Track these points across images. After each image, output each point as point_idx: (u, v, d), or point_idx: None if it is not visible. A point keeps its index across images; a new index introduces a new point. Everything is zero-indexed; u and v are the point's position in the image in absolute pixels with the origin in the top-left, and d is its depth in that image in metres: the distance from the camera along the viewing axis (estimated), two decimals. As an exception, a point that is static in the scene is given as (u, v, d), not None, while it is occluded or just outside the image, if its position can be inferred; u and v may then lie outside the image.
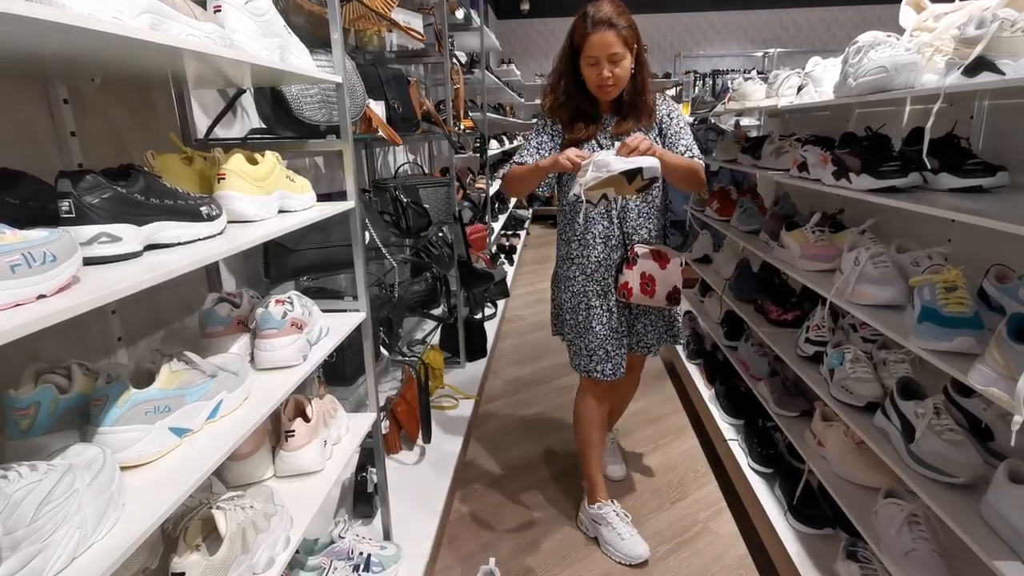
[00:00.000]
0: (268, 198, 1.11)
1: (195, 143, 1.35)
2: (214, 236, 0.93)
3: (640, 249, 1.68)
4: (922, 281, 1.21)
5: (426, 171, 3.20)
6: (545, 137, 1.71)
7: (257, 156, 1.12)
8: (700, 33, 8.01)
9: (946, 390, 1.35)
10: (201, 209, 0.92)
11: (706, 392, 2.51)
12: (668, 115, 1.71)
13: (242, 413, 0.96)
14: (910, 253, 1.46)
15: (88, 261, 0.74)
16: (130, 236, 0.78)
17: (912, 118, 1.77)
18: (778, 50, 7.16)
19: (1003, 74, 0.98)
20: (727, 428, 2.25)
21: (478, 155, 3.81)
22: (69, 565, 0.66)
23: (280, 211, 1.17)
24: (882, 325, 1.29)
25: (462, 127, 3.09)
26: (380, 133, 1.70)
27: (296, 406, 1.31)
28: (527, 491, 2.16)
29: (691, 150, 1.70)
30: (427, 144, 3.54)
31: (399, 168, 2.86)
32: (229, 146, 1.14)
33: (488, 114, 4.30)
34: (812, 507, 1.67)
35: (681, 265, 1.71)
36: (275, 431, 1.27)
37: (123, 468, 0.79)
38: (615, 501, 1.91)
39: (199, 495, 1.05)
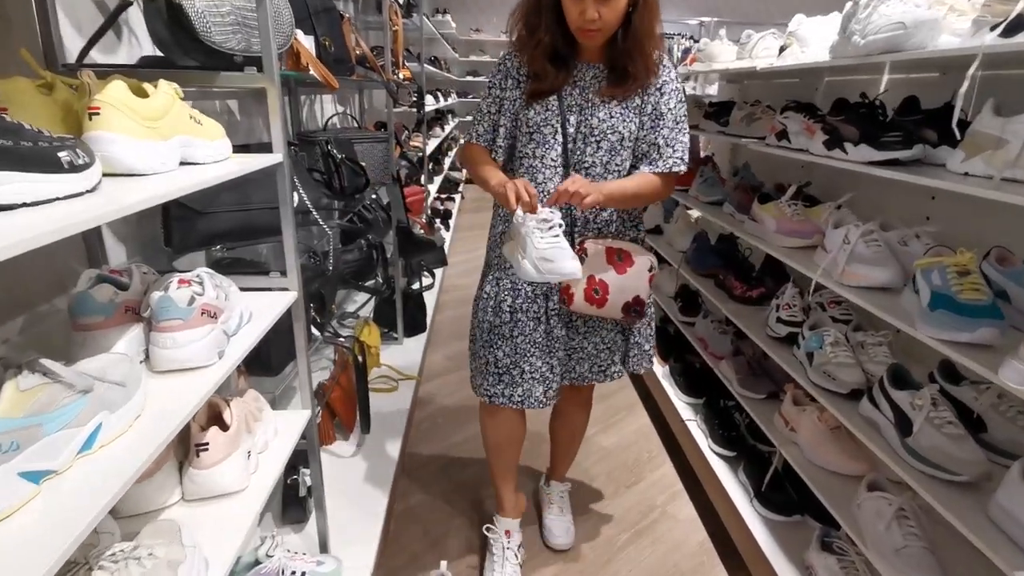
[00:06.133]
0: (164, 144, 0.83)
1: (63, 68, 1.02)
2: (81, 194, 0.66)
3: (592, 246, 1.31)
4: (929, 264, 1.11)
5: (359, 124, 2.86)
6: (509, 84, 1.32)
7: (147, 86, 0.84)
8: None
9: (932, 377, 1.29)
10: (60, 155, 0.64)
11: (659, 368, 2.43)
12: (660, 89, 1.30)
13: (131, 439, 0.71)
14: (896, 231, 1.37)
15: None
16: (-66, 192, 0.51)
17: (892, 87, 1.69)
18: (715, 19, 7.13)
19: (1054, 33, 0.86)
20: (683, 407, 2.17)
21: (414, 110, 3.49)
22: None
23: (182, 163, 0.89)
24: (880, 310, 1.19)
25: (402, 76, 2.77)
26: (312, 72, 1.40)
27: (210, 411, 1.05)
28: (475, 477, 2.00)
29: (670, 153, 1.31)
30: (358, 94, 3.18)
31: (328, 120, 2.52)
32: (109, 72, 0.85)
33: (426, 66, 3.95)
34: (779, 493, 1.61)
35: (651, 270, 1.33)
36: (183, 443, 1.01)
37: (-58, 538, 0.54)
38: (511, 534, 1.60)
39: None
